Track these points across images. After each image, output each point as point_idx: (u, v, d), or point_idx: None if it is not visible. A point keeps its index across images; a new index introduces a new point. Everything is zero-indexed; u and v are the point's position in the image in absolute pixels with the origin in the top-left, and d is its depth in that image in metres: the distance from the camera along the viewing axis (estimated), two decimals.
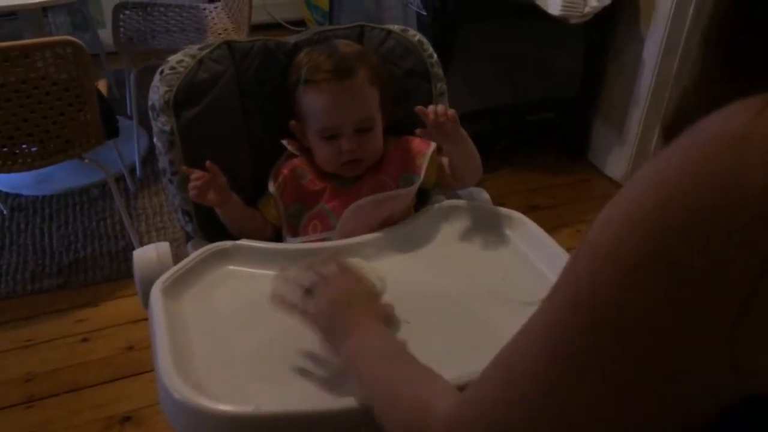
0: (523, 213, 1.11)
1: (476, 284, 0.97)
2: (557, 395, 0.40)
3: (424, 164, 1.13)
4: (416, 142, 1.15)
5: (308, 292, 0.82)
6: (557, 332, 0.40)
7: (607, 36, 2.35)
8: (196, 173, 1.05)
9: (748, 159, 0.31)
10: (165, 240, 1.52)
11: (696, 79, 0.40)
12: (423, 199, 1.20)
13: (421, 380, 0.61)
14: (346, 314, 0.76)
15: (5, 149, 1.73)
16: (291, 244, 1.07)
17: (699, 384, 0.36)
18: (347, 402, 0.74)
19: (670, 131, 0.36)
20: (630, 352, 0.37)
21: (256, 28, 2.79)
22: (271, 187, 1.13)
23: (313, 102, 1.10)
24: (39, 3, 2.01)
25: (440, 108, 1.05)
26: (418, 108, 1.05)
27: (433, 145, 1.14)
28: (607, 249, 0.37)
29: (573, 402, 0.40)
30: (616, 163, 2.43)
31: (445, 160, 1.16)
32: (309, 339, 0.86)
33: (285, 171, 1.14)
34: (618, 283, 0.36)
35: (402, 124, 1.19)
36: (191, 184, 1.05)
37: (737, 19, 0.37)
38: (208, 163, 1.05)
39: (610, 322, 0.37)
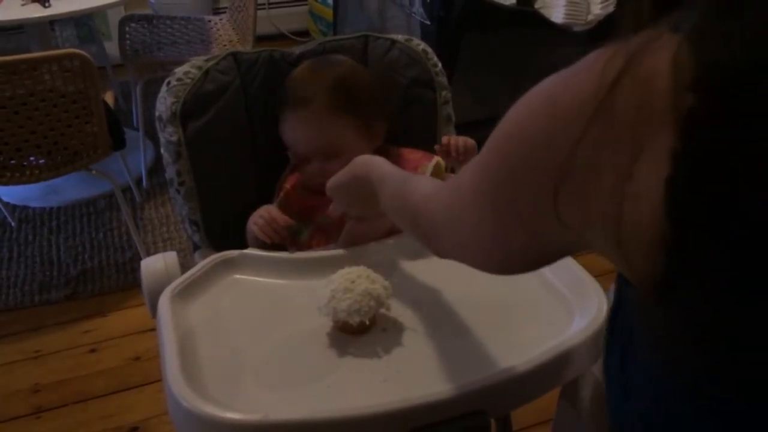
0: None
1: (482, 291, 0.97)
2: (479, 212, 0.58)
3: (427, 173, 1.13)
4: (418, 155, 1.15)
5: None
6: (478, 177, 0.58)
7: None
8: (277, 218, 1.07)
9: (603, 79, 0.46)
10: (172, 250, 1.53)
11: None
12: None
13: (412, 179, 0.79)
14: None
15: (13, 161, 1.74)
16: (297, 253, 1.07)
17: (547, 232, 0.51)
18: (355, 410, 0.74)
19: None
20: (502, 199, 0.54)
21: (261, 39, 2.81)
22: (275, 203, 1.14)
23: (281, 128, 1.13)
24: (46, 16, 2.03)
25: (460, 144, 1.10)
26: (441, 148, 1.11)
27: (435, 158, 1.14)
28: (505, 127, 0.53)
29: (484, 220, 0.58)
30: None
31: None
32: (316, 347, 0.86)
33: (287, 186, 1.15)
34: (497, 147, 0.54)
35: (407, 133, 1.20)
36: (263, 224, 1.07)
37: None
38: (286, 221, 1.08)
39: (493, 178, 0.55)
